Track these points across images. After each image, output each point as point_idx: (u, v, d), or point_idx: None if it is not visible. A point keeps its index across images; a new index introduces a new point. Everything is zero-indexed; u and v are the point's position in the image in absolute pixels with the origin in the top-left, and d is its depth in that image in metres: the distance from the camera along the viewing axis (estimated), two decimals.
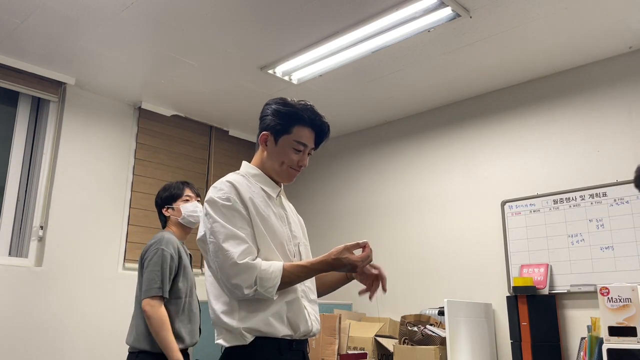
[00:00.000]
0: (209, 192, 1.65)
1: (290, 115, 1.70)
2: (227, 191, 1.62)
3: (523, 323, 3.19)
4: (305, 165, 1.75)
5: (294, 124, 1.69)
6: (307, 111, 1.71)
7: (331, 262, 1.57)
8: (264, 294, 1.51)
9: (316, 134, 1.74)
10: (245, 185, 1.66)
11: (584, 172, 3.35)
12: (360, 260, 1.57)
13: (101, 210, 3.89)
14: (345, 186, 4.62)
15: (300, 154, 1.72)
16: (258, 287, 1.50)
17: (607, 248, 3.16)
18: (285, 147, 1.70)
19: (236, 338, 1.54)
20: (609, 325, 2.67)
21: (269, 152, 1.72)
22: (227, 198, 1.60)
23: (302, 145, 1.71)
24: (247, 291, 1.50)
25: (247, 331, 1.53)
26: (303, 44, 3.27)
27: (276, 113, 1.72)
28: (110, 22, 3.06)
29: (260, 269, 1.52)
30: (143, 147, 4.18)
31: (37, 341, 3.43)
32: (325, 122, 1.75)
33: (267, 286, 1.51)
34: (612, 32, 3.11)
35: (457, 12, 2.88)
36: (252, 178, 1.71)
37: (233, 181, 1.65)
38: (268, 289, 1.51)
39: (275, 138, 1.71)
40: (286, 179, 1.75)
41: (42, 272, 3.54)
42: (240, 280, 1.51)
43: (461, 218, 3.84)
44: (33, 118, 3.82)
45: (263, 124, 1.75)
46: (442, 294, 3.68)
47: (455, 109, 4.06)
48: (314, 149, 1.76)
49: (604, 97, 3.37)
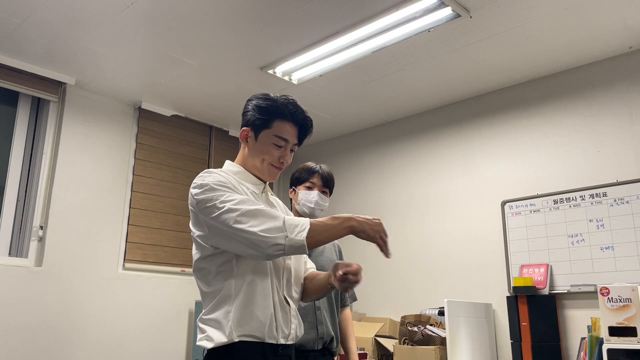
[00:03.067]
0: (195, 180, 1.57)
1: (270, 109, 1.63)
2: (216, 176, 1.56)
3: (523, 323, 3.19)
4: (288, 163, 1.68)
5: (274, 118, 1.62)
6: (288, 105, 1.63)
7: (359, 223, 1.49)
8: (294, 239, 1.42)
9: (298, 129, 1.66)
10: (232, 179, 1.60)
11: (584, 172, 3.35)
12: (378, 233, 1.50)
13: (101, 210, 3.89)
14: (345, 186, 4.61)
15: (282, 149, 1.64)
16: (288, 232, 1.43)
17: (607, 248, 3.15)
18: (265, 143, 1.63)
19: (220, 336, 1.48)
20: (609, 325, 2.67)
21: (250, 148, 1.66)
22: (218, 180, 1.54)
23: (282, 141, 1.63)
24: (275, 234, 1.42)
25: (235, 328, 1.48)
26: (303, 44, 3.27)
27: (256, 108, 1.64)
28: (110, 22, 3.06)
29: (286, 217, 1.46)
30: (143, 147, 4.18)
31: (37, 341, 3.43)
32: (308, 117, 1.67)
33: (296, 231, 1.43)
34: (612, 32, 3.10)
35: (457, 12, 2.88)
36: (234, 175, 1.64)
37: (218, 171, 1.60)
38: (298, 233, 1.43)
39: (255, 133, 1.64)
40: (268, 176, 1.67)
41: (42, 272, 3.54)
42: (266, 225, 1.43)
43: (461, 218, 3.84)
44: (33, 118, 3.82)
45: (244, 119, 1.67)
46: (442, 294, 3.68)
47: (455, 109, 4.06)
48: (297, 145, 1.69)
49: (604, 97, 3.36)
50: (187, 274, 4.26)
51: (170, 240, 4.20)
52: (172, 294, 4.13)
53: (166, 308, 4.08)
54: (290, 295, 1.62)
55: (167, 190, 4.25)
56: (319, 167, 2.44)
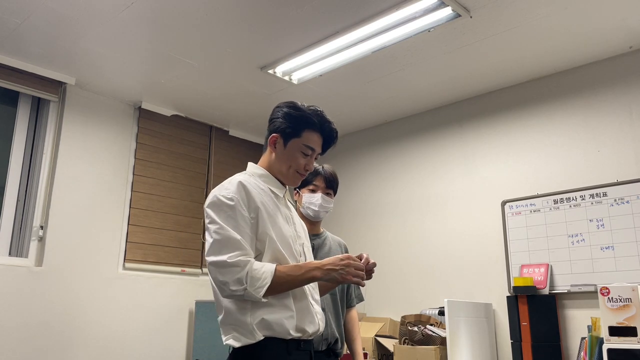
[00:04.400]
0: (214, 189, 1.66)
1: (300, 119, 1.73)
2: (233, 191, 1.62)
3: (523, 323, 3.19)
4: (311, 170, 1.79)
5: (304, 128, 1.72)
6: (317, 116, 1.75)
7: (324, 272, 1.58)
8: (252, 293, 1.50)
9: (324, 139, 1.77)
10: (255, 186, 1.67)
11: (584, 172, 3.35)
12: (357, 278, 1.59)
13: (101, 210, 3.89)
14: (345, 186, 4.61)
15: (308, 157, 1.75)
16: (248, 286, 1.50)
17: (608, 248, 3.16)
18: (293, 151, 1.73)
19: (247, 336, 1.54)
20: (609, 325, 2.67)
21: (278, 154, 1.75)
22: (230, 198, 1.60)
23: (310, 150, 1.74)
24: (234, 287, 1.50)
25: (259, 328, 1.54)
26: (303, 44, 3.27)
27: (287, 116, 1.73)
28: (110, 22, 3.06)
29: (252, 267, 1.53)
30: (143, 147, 4.18)
31: (37, 341, 3.43)
32: (334, 128, 1.79)
33: (256, 285, 1.50)
34: (612, 32, 3.10)
35: (457, 12, 2.88)
36: (259, 178, 1.73)
37: (243, 181, 1.65)
38: (257, 288, 1.50)
39: (284, 141, 1.73)
40: (291, 182, 1.78)
41: (42, 272, 3.54)
42: (228, 278, 1.51)
43: (461, 218, 3.84)
44: (33, 118, 3.82)
45: (273, 126, 1.76)
46: (442, 294, 3.68)
47: (455, 109, 4.06)
48: (320, 154, 1.80)
49: (604, 97, 3.36)
50: (187, 274, 4.26)
51: (171, 240, 4.20)
52: (172, 294, 4.13)
53: (166, 308, 4.08)
54: (311, 292, 1.71)
55: (168, 190, 4.25)
56: (321, 169, 2.43)
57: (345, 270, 1.57)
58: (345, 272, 1.57)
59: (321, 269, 1.57)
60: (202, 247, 4.39)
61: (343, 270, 1.57)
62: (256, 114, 4.37)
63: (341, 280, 1.59)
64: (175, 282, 4.17)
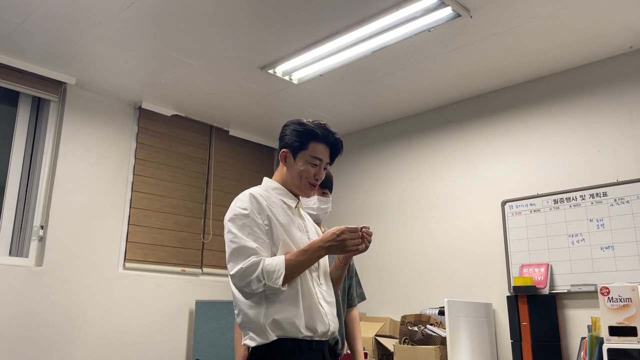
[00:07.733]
0: (232, 203, 1.82)
1: (306, 133, 1.86)
2: (246, 202, 1.78)
3: (523, 323, 3.19)
4: (322, 179, 1.91)
5: (310, 141, 1.86)
6: (321, 129, 1.88)
7: (327, 249, 1.72)
8: (272, 285, 1.64)
9: (330, 149, 1.90)
10: (265, 196, 1.82)
11: (584, 172, 3.35)
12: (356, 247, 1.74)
13: (101, 210, 3.89)
14: (345, 186, 4.61)
15: (317, 167, 1.87)
16: (266, 280, 1.64)
17: (608, 248, 3.16)
18: (303, 162, 1.86)
19: (260, 336, 1.67)
20: (610, 325, 2.67)
21: (289, 167, 1.89)
22: (244, 207, 1.76)
23: (318, 160, 1.86)
24: (255, 286, 1.64)
25: (272, 329, 1.66)
26: (303, 44, 3.27)
27: (293, 132, 1.88)
28: (110, 22, 3.06)
29: (265, 264, 1.66)
30: (143, 147, 4.18)
31: (37, 341, 3.43)
32: (339, 138, 1.91)
33: (273, 277, 1.64)
34: (612, 32, 3.11)
35: (458, 12, 2.88)
36: (272, 191, 1.87)
37: (253, 193, 1.81)
38: (275, 280, 1.64)
39: (293, 155, 1.87)
40: (304, 192, 1.90)
41: (42, 272, 3.54)
42: (247, 280, 1.65)
43: (461, 218, 3.84)
44: (33, 118, 3.82)
45: (282, 142, 1.91)
46: (443, 294, 3.68)
47: (455, 109, 4.06)
48: (329, 164, 1.93)
49: (604, 97, 3.37)
50: (188, 274, 4.26)
51: (171, 239, 4.20)
52: (172, 294, 4.13)
53: (166, 308, 4.08)
54: (323, 292, 1.82)
55: (168, 190, 4.25)
56: None
57: (342, 245, 1.72)
58: (343, 245, 1.72)
59: (324, 247, 1.72)
60: (202, 247, 4.39)
61: (343, 244, 1.72)
62: (256, 114, 4.37)
63: (347, 251, 1.75)
64: (175, 282, 4.17)
